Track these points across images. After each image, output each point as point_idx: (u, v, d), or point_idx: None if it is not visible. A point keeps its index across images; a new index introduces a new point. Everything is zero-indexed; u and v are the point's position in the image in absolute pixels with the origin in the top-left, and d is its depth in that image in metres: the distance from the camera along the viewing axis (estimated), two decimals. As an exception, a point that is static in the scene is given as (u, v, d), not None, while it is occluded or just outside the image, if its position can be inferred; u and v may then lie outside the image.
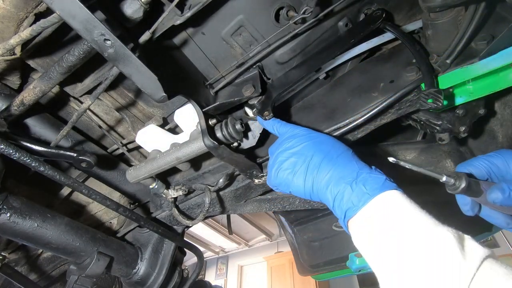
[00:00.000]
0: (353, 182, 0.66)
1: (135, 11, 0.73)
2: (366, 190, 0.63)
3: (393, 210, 0.60)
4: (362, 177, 0.65)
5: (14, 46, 0.72)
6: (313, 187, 0.73)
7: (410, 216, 0.59)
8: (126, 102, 1.08)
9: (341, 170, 0.69)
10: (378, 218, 0.61)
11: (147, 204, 1.36)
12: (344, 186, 0.66)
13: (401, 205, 0.61)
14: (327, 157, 0.73)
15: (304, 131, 0.82)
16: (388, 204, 0.61)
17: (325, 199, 0.71)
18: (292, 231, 1.97)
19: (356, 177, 0.66)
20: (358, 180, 0.65)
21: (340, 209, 0.67)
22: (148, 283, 1.23)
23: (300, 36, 0.94)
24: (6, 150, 0.73)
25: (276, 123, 0.87)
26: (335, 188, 0.68)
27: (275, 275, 6.25)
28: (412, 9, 1.04)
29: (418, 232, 0.56)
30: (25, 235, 0.90)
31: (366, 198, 0.62)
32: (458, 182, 0.68)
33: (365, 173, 0.66)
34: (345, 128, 0.92)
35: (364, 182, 0.65)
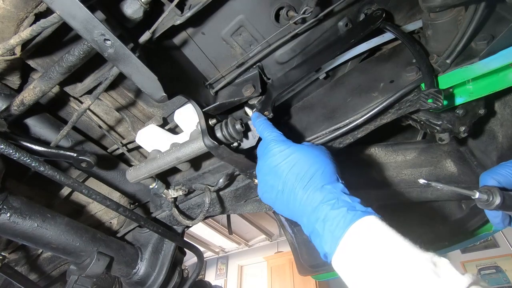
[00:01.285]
0: (319, 222, 0.64)
1: (135, 11, 0.73)
2: (332, 231, 0.61)
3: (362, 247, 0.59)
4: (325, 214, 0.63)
5: (14, 46, 0.72)
6: (293, 217, 0.72)
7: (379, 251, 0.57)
8: (126, 102, 1.08)
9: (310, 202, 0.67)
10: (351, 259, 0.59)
11: (147, 204, 1.36)
12: (313, 226, 0.65)
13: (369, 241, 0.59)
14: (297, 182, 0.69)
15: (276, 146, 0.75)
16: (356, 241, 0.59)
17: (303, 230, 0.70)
18: (292, 231, 1.97)
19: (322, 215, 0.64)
20: (323, 219, 0.63)
21: (318, 249, 0.66)
22: (148, 283, 1.23)
23: (300, 36, 0.94)
24: (6, 150, 0.73)
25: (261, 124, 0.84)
26: (307, 226, 0.67)
27: (275, 275, 6.25)
28: (412, 9, 1.04)
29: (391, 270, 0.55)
30: (25, 235, 0.90)
31: (334, 242, 0.61)
32: (492, 197, 0.64)
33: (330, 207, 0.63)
34: (345, 128, 0.92)
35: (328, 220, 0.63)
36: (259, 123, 0.84)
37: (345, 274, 0.61)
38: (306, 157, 0.72)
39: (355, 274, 0.59)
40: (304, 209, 0.68)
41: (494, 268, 4.51)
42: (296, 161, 0.71)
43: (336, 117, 0.96)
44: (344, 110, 0.96)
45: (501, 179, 0.74)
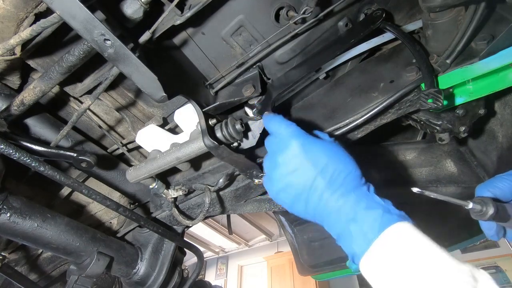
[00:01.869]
0: (351, 223, 0.61)
1: (135, 11, 0.73)
2: (365, 233, 0.59)
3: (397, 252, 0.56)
4: (359, 215, 0.61)
5: (14, 46, 0.72)
6: (315, 218, 0.69)
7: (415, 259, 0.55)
8: (126, 102, 1.08)
9: (341, 204, 0.64)
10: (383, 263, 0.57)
11: (147, 204, 1.36)
12: (343, 227, 0.63)
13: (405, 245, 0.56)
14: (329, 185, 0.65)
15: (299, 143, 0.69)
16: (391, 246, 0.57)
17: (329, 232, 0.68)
18: (292, 231, 1.97)
19: (354, 216, 0.62)
20: (356, 219, 0.61)
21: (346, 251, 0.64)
22: (148, 283, 1.23)
23: (300, 36, 0.94)
24: (6, 150, 0.73)
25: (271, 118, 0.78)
26: (336, 227, 0.65)
27: (275, 275, 6.25)
28: (412, 9, 1.04)
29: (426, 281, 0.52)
30: (25, 235, 0.90)
31: (367, 243, 0.59)
32: (485, 208, 0.65)
33: (363, 209, 0.61)
34: (345, 128, 0.92)
35: (362, 222, 0.60)
36: (270, 118, 0.78)
37: (373, 278, 0.59)
38: (337, 158, 0.68)
39: (385, 280, 0.57)
40: (332, 213, 0.65)
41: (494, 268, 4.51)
42: (327, 161, 0.67)
43: (336, 117, 0.96)
44: (344, 110, 0.96)
45: (497, 191, 0.74)
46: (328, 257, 1.79)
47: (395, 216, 0.60)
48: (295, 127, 0.74)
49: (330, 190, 0.65)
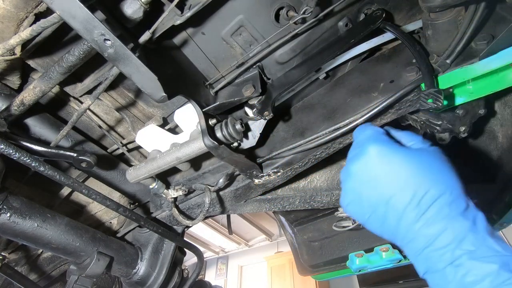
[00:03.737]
0: (448, 267, 0.49)
1: (135, 11, 0.73)
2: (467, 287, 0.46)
3: None
4: (461, 261, 0.47)
5: (14, 46, 0.72)
6: (395, 240, 0.58)
7: None
8: (126, 102, 1.08)
9: (433, 234, 0.51)
10: None
11: (147, 204, 1.36)
12: (435, 266, 0.50)
13: None
14: (412, 205, 0.53)
15: (377, 150, 0.59)
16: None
17: (412, 261, 0.56)
18: (292, 231, 1.97)
19: (453, 259, 0.48)
20: (456, 265, 0.47)
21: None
22: (148, 283, 1.23)
23: (300, 36, 0.94)
24: (6, 150, 0.73)
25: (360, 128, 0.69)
26: (424, 261, 0.52)
27: (275, 275, 6.25)
28: (412, 9, 1.04)
29: None
30: (25, 235, 0.90)
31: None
32: None
33: (466, 254, 0.47)
34: (345, 128, 0.92)
35: (466, 272, 0.47)
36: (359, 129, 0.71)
37: None
38: (424, 170, 0.56)
39: None
40: (419, 241, 0.53)
41: (494, 268, 4.50)
42: (409, 175, 0.55)
43: (336, 117, 0.96)
44: (344, 110, 0.96)
45: None
46: (328, 257, 1.79)
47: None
48: (374, 130, 0.66)
49: (414, 212, 0.54)
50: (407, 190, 0.55)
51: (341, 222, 1.48)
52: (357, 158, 0.63)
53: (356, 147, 0.66)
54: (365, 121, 0.89)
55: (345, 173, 0.66)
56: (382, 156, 0.59)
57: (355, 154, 0.65)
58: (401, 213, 0.55)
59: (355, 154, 0.65)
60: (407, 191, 0.54)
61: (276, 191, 1.23)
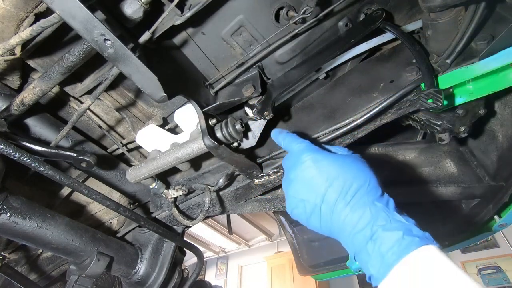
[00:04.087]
0: (368, 242, 0.58)
1: (135, 11, 0.73)
2: (383, 255, 0.55)
3: (420, 281, 0.52)
4: (377, 235, 0.57)
5: (14, 46, 0.72)
6: (331, 234, 0.67)
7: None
8: (126, 102, 1.08)
9: (356, 220, 0.61)
10: None
11: (147, 204, 1.36)
12: (360, 245, 0.59)
13: (428, 274, 0.52)
14: (340, 198, 0.63)
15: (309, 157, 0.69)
16: (413, 273, 0.53)
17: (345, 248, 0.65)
18: (292, 231, 1.97)
19: (371, 235, 0.58)
20: (374, 239, 0.57)
21: (364, 270, 0.61)
22: (148, 283, 1.23)
23: (300, 36, 0.94)
24: (6, 150, 0.73)
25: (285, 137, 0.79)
26: (352, 245, 0.61)
27: (275, 275, 6.25)
28: (412, 9, 1.04)
29: None
30: (25, 235, 0.90)
31: (385, 269, 0.55)
32: None
33: (380, 228, 0.57)
34: (345, 128, 0.92)
35: (380, 243, 0.56)
36: (283, 136, 0.80)
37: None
38: (348, 169, 0.66)
39: None
40: (346, 227, 0.62)
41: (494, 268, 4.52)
42: (337, 174, 0.65)
43: (336, 117, 0.96)
44: (344, 110, 0.96)
45: None
46: (328, 257, 1.79)
47: (417, 239, 0.55)
48: (307, 143, 0.74)
49: (342, 203, 0.63)
50: (336, 185, 0.65)
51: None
52: (294, 166, 0.71)
53: (292, 157, 0.74)
54: (365, 121, 0.90)
55: (285, 182, 0.74)
56: (316, 161, 0.69)
57: (292, 163, 0.73)
58: (332, 206, 0.64)
59: (292, 163, 0.72)
60: (337, 186, 0.65)
61: (276, 191, 1.23)
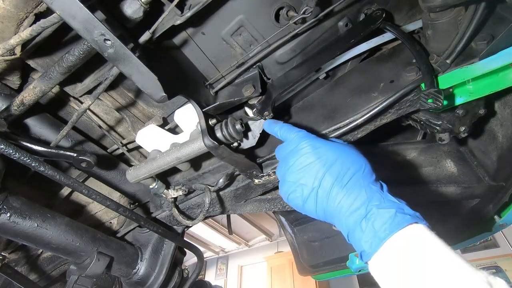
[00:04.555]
0: (362, 220, 0.61)
1: (135, 11, 0.73)
2: (376, 231, 0.58)
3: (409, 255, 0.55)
4: (371, 213, 0.61)
5: (14, 46, 0.72)
6: (326, 216, 0.70)
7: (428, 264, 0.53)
8: (126, 102, 1.08)
9: (351, 201, 0.64)
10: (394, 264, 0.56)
11: (147, 204, 1.36)
12: (354, 224, 0.62)
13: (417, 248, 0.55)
14: (337, 182, 0.67)
15: (308, 144, 0.73)
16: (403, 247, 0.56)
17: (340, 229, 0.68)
18: (292, 231, 1.97)
19: (366, 213, 0.61)
20: (368, 217, 0.61)
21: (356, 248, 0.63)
22: (148, 283, 1.23)
23: (300, 36, 0.94)
24: (6, 150, 0.73)
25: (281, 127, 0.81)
26: (346, 224, 0.64)
27: (275, 275, 6.25)
28: (412, 9, 1.04)
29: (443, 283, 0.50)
30: (25, 235, 0.90)
31: (377, 243, 0.58)
32: None
33: (375, 207, 0.61)
34: (345, 128, 0.92)
35: (374, 219, 0.60)
36: (280, 126, 0.82)
37: (382, 279, 0.58)
38: (346, 155, 0.70)
39: (394, 282, 0.56)
40: (342, 208, 0.65)
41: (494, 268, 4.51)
42: (335, 158, 0.69)
43: (336, 117, 0.96)
44: (344, 110, 0.96)
45: None
46: (328, 257, 1.79)
47: (408, 217, 0.59)
48: (305, 132, 0.77)
49: (338, 186, 0.66)
50: (334, 169, 0.68)
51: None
52: (293, 152, 0.74)
53: (290, 145, 0.77)
54: (365, 121, 0.90)
55: (283, 168, 0.76)
56: (314, 147, 0.72)
57: (291, 150, 0.76)
58: (329, 189, 0.67)
59: (291, 150, 0.76)
60: (334, 170, 0.68)
61: (276, 191, 1.23)
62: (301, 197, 0.71)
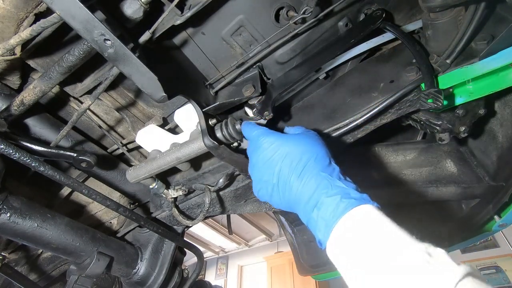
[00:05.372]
0: (314, 210, 0.64)
1: (135, 11, 0.73)
2: (326, 220, 0.62)
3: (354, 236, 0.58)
4: (320, 202, 0.63)
5: (14, 46, 0.72)
6: (291, 208, 0.72)
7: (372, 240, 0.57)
8: (126, 102, 1.08)
9: (305, 191, 0.66)
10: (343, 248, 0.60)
11: (147, 204, 1.36)
12: (308, 214, 0.65)
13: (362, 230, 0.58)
14: (292, 173, 0.69)
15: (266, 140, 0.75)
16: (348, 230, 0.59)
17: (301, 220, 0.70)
18: (292, 231, 1.97)
19: (316, 203, 0.64)
20: (318, 206, 0.63)
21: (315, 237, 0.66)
22: (148, 283, 1.23)
23: (300, 36, 0.94)
24: (6, 150, 0.73)
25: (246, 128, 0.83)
26: (303, 214, 0.67)
27: (275, 275, 6.25)
28: (412, 9, 1.04)
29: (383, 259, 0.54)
30: (25, 235, 0.90)
31: (327, 231, 0.61)
32: None
33: (323, 195, 0.63)
34: (345, 128, 0.92)
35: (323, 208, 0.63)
36: (244, 127, 0.84)
37: (338, 262, 0.62)
38: (297, 145, 0.72)
39: (347, 263, 0.59)
40: (300, 198, 0.67)
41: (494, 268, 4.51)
42: (288, 151, 0.71)
43: (336, 117, 0.96)
44: (344, 110, 0.96)
45: None
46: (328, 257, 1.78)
47: (353, 201, 0.61)
48: (262, 128, 0.80)
49: (293, 176, 0.68)
50: (287, 161, 0.70)
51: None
52: (254, 151, 0.77)
53: (252, 144, 0.79)
54: (365, 121, 0.90)
55: (250, 168, 0.79)
56: (270, 143, 0.74)
57: (252, 149, 0.78)
58: (287, 180, 0.69)
59: (252, 149, 0.78)
60: (288, 161, 0.70)
61: (276, 191, 1.23)
62: (266, 193, 0.75)
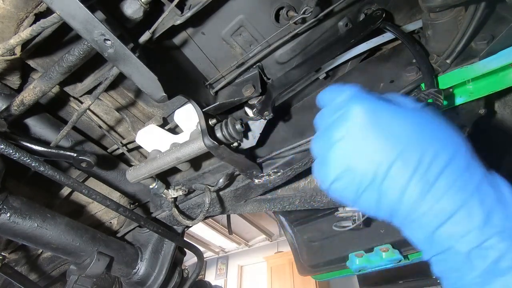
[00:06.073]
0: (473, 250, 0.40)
1: (135, 11, 0.73)
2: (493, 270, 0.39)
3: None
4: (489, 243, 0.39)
5: (14, 46, 0.72)
6: (393, 217, 0.49)
7: None
8: (126, 102, 1.08)
9: (448, 214, 0.41)
10: None
11: (147, 204, 1.36)
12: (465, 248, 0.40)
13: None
14: (418, 175, 0.43)
15: (366, 109, 0.47)
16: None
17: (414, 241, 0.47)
18: (292, 231, 1.97)
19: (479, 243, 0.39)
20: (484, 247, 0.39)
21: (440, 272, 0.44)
22: (148, 283, 1.23)
23: (300, 36, 0.94)
24: (6, 150, 0.73)
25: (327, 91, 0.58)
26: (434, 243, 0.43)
27: (275, 275, 6.25)
28: (412, 9, 1.04)
29: None
30: (25, 235, 0.90)
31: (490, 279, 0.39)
32: None
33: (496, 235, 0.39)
34: (345, 128, 0.92)
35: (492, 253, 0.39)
36: (323, 93, 0.58)
37: None
38: (427, 131, 0.45)
39: None
40: (427, 217, 0.43)
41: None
42: (411, 138, 0.45)
43: (336, 117, 0.96)
44: (344, 110, 0.96)
45: None
46: (328, 257, 1.79)
47: None
48: (358, 89, 0.53)
49: (421, 183, 0.43)
50: (410, 156, 0.44)
51: (341, 222, 1.48)
52: (340, 123, 0.49)
53: (335, 111, 0.51)
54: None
55: (324, 142, 0.52)
56: (373, 117, 0.47)
57: (335, 118, 0.50)
58: (404, 185, 0.44)
59: (336, 119, 0.50)
60: (411, 157, 0.44)
61: (276, 191, 1.23)
62: (353, 187, 0.49)
